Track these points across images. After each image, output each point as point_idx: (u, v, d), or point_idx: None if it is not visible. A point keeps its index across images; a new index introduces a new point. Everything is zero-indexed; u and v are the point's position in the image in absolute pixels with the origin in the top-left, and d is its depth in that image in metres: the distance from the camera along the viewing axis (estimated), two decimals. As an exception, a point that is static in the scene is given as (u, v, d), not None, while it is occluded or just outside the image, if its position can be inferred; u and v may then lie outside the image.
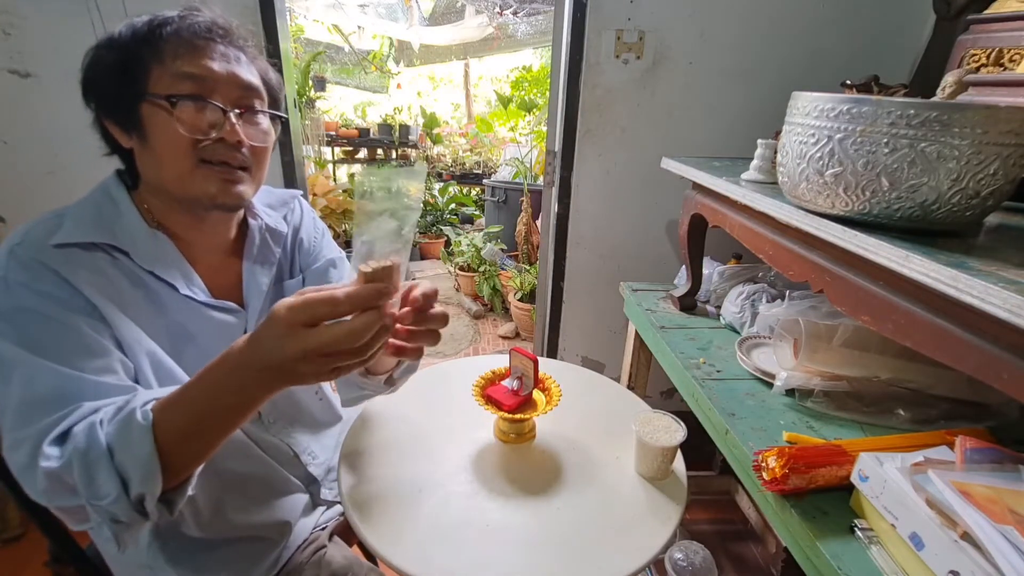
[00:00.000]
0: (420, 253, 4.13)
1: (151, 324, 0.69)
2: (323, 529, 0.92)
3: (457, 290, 3.54)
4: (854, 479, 0.68)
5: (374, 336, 0.49)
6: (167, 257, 0.71)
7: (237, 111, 0.67)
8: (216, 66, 0.65)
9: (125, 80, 0.64)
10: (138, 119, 0.65)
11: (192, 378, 0.55)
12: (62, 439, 0.55)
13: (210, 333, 0.74)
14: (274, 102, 0.74)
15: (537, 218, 3.12)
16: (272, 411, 0.86)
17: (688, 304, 1.35)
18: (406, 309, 0.56)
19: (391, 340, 0.57)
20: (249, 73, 0.69)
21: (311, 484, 0.92)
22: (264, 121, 0.72)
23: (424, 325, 0.57)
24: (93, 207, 0.68)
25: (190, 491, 0.59)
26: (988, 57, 1.01)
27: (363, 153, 4.92)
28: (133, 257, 0.68)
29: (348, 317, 0.48)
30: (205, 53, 0.65)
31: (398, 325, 0.56)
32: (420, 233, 4.25)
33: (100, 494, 0.52)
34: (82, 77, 0.67)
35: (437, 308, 0.57)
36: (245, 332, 0.76)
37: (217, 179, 0.67)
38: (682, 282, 1.42)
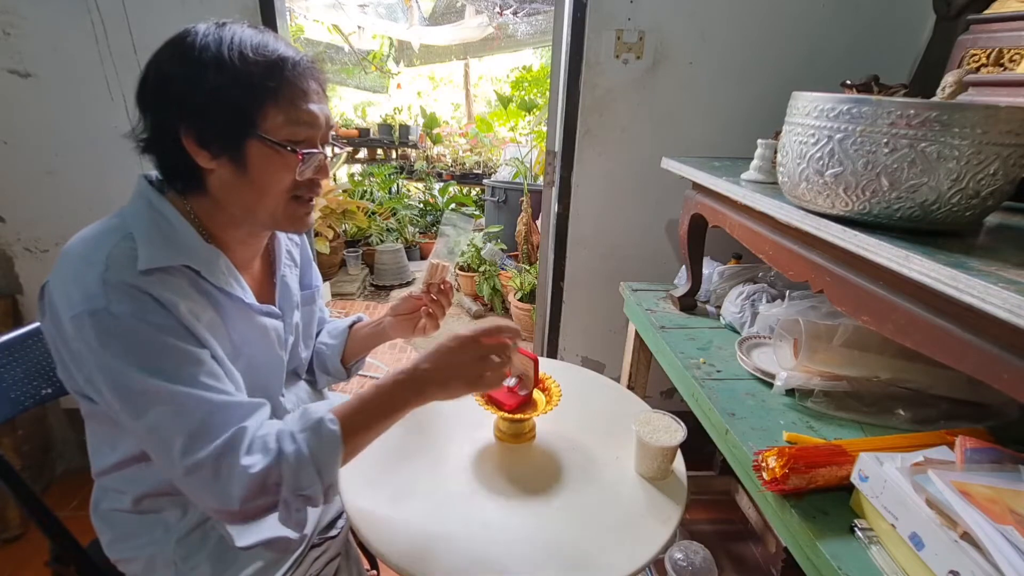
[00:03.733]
0: (420, 253, 4.13)
1: (219, 335, 0.71)
2: (334, 537, 0.91)
3: (457, 290, 3.54)
4: (854, 479, 0.68)
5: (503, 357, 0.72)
6: (225, 270, 0.73)
7: (331, 155, 0.71)
8: (317, 109, 0.68)
9: (237, 113, 0.63)
10: (242, 152, 0.65)
11: (369, 391, 0.70)
12: (249, 450, 0.64)
13: (261, 338, 0.79)
14: None
15: (537, 218, 3.12)
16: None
17: (688, 304, 1.35)
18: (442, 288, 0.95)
19: (425, 307, 0.95)
20: (328, 107, 0.72)
21: None
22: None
23: (440, 298, 0.94)
24: (151, 224, 0.67)
25: None
26: (988, 57, 1.01)
27: (363, 153, 4.92)
28: (204, 275, 0.69)
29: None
30: (310, 96, 0.67)
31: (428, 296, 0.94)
32: (420, 233, 4.25)
33: (303, 486, 0.64)
34: (171, 93, 0.64)
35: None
36: (284, 335, 0.84)
37: (302, 212, 0.73)
38: (682, 282, 1.42)
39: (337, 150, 0.80)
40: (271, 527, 0.80)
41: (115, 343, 0.61)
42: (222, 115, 0.63)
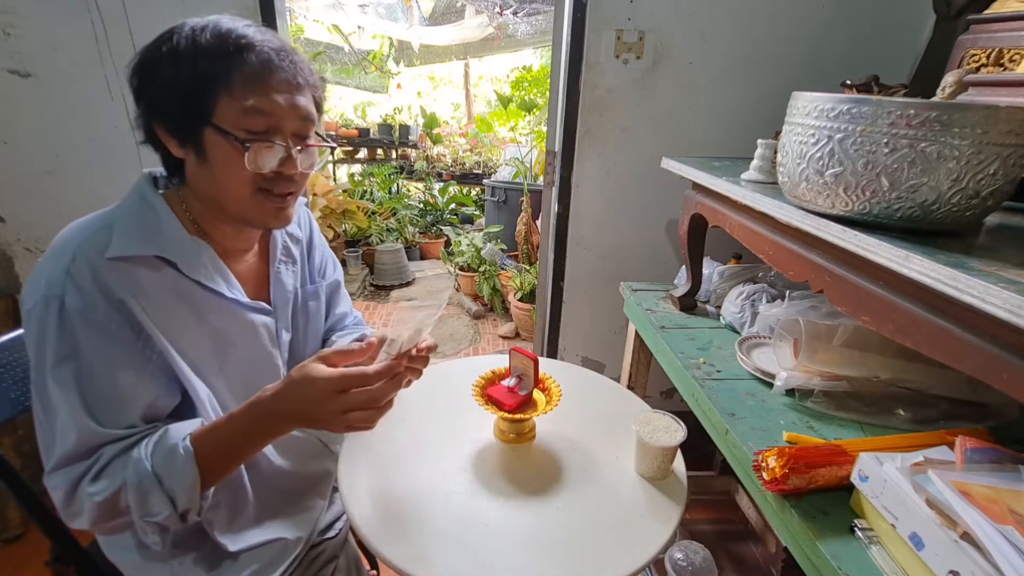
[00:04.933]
0: (420, 253, 4.13)
1: (194, 333, 0.70)
2: (333, 538, 0.91)
3: (457, 290, 3.54)
4: (854, 479, 0.68)
5: (388, 401, 0.67)
6: (209, 264, 0.72)
7: (298, 148, 0.68)
8: (282, 99, 0.65)
9: (190, 103, 0.62)
10: (200, 142, 0.64)
11: (224, 417, 0.67)
12: (97, 477, 0.63)
13: (248, 335, 0.78)
14: (319, 108, 0.74)
15: (537, 218, 3.12)
16: None
17: (688, 304, 1.35)
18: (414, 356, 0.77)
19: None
20: (307, 100, 0.68)
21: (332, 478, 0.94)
22: (315, 148, 0.72)
23: (413, 364, 0.75)
24: (136, 216, 0.68)
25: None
26: (988, 57, 1.01)
27: (363, 153, 4.92)
28: (180, 268, 0.68)
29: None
30: (272, 84, 0.64)
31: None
32: (420, 233, 4.25)
33: (153, 512, 0.63)
34: (136, 83, 0.65)
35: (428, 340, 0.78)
36: (276, 332, 0.82)
37: (272, 207, 0.70)
38: (682, 282, 1.42)
39: (327, 147, 0.78)
40: (263, 531, 0.81)
41: (55, 334, 0.61)
42: (177, 104, 0.63)
